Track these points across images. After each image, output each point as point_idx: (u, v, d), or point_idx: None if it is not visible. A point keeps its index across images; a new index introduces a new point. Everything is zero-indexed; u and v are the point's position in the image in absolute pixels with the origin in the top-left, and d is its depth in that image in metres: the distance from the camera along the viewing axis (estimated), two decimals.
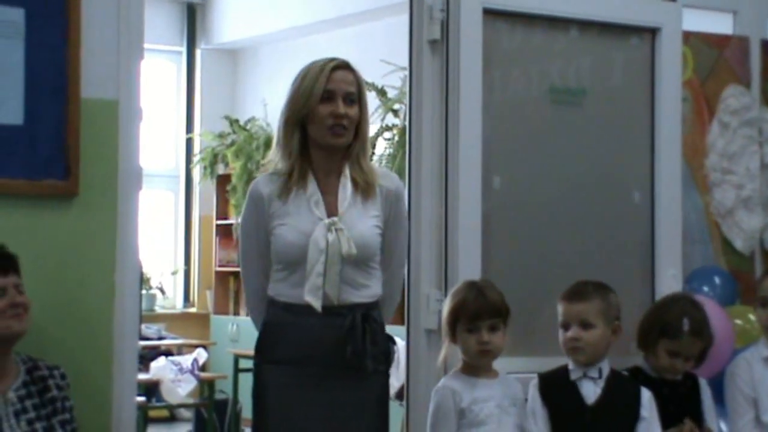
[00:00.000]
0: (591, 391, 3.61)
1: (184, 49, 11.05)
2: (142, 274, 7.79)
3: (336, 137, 3.35)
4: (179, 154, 11.06)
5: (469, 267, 3.99)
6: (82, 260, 3.60)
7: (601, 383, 3.62)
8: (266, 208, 3.39)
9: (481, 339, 3.46)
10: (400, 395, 5.15)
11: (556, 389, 3.64)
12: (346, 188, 3.38)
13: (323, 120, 3.34)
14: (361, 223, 3.36)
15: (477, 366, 3.53)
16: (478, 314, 3.47)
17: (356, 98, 3.38)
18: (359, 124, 3.39)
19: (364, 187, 3.39)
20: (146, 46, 3.78)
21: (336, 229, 3.30)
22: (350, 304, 3.33)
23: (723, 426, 3.95)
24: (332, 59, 3.40)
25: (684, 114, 4.62)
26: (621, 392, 3.63)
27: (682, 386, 3.82)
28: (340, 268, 3.30)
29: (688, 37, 4.67)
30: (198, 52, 11.08)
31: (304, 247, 3.30)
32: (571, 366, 3.65)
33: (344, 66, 3.39)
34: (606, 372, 3.64)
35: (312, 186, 3.38)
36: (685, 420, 3.70)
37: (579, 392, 3.61)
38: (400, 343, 4.11)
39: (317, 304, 3.28)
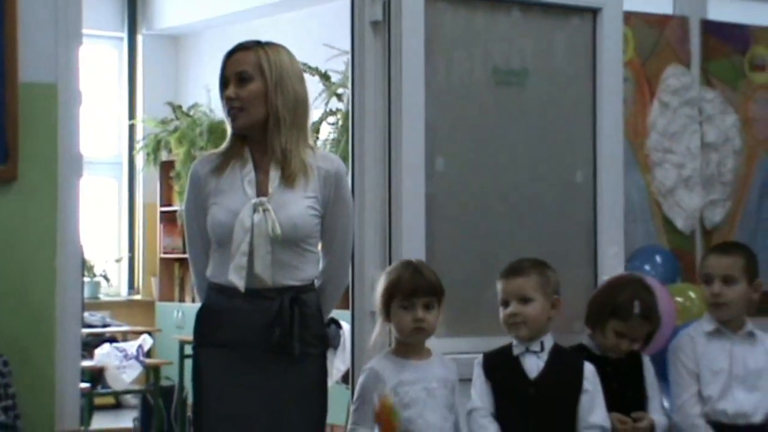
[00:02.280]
0: (534, 366, 3.63)
1: (125, 35, 10.94)
2: (84, 260, 7.72)
3: (233, 120, 3.34)
4: (122, 140, 10.96)
5: (412, 249, 3.99)
6: (22, 245, 3.57)
7: (544, 357, 3.64)
8: (203, 188, 3.38)
9: (416, 316, 3.46)
10: (346, 378, 5.16)
11: (500, 365, 3.65)
12: (276, 168, 3.34)
13: (224, 108, 3.36)
14: (293, 203, 3.31)
15: (408, 346, 3.53)
16: (414, 291, 3.47)
17: (253, 75, 3.31)
18: (267, 97, 3.32)
19: (295, 166, 3.32)
20: (87, 32, 3.75)
21: (263, 210, 3.28)
22: (281, 287, 3.30)
23: (666, 402, 3.98)
24: (235, 45, 3.38)
25: (625, 94, 4.65)
26: (564, 366, 3.66)
27: (625, 364, 3.85)
28: (271, 249, 3.28)
29: (629, 17, 4.69)
30: (140, 38, 10.97)
31: (233, 226, 3.27)
32: (514, 342, 3.67)
33: (241, 48, 3.36)
34: (549, 346, 3.66)
35: (249, 165, 3.36)
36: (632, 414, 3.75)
37: (522, 367, 3.63)
38: (346, 327, 4.11)
39: (240, 284, 3.25)
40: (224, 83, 3.35)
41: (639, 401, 3.82)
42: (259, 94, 3.31)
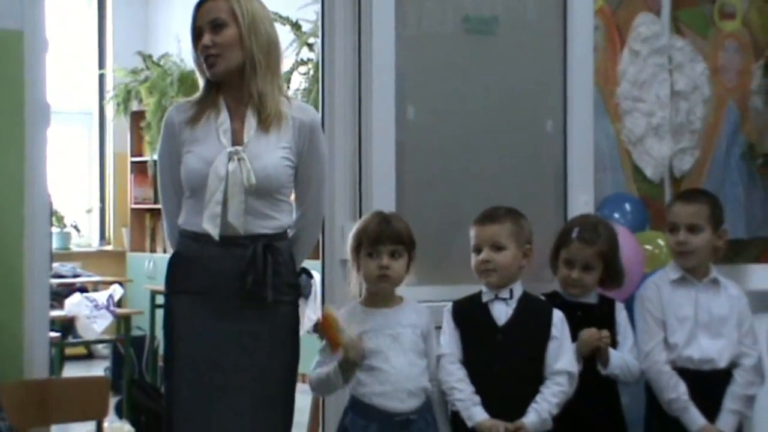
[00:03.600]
0: (503, 312, 3.65)
1: None
2: (53, 210, 7.68)
3: (210, 68, 3.34)
4: (92, 90, 10.88)
5: (383, 198, 3.99)
6: None
7: (513, 304, 3.66)
8: (177, 136, 3.38)
9: (380, 263, 3.47)
10: (317, 328, 5.17)
11: (468, 312, 3.67)
12: (252, 117, 3.35)
13: (199, 57, 3.35)
14: (267, 153, 3.33)
15: (377, 295, 3.55)
16: (379, 239, 3.48)
17: (227, 21, 3.31)
18: (242, 42, 3.32)
19: (272, 115, 3.34)
20: None
21: (238, 159, 3.28)
22: (253, 235, 3.31)
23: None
24: None
25: (596, 42, 4.65)
26: (532, 313, 3.68)
27: (597, 309, 3.88)
28: (244, 198, 3.28)
29: None
30: None
31: (207, 175, 3.28)
32: (483, 290, 3.69)
33: None
34: (518, 294, 3.68)
35: (223, 114, 3.36)
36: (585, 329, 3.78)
37: (490, 313, 3.64)
38: (317, 277, 4.11)
39: (215, 232, 3.26)
40: (197, 33, 3.34)
41: (611, 347, 3.85)
42: (235, 40, 3.32)
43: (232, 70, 3.34)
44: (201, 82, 3.42)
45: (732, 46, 5.16)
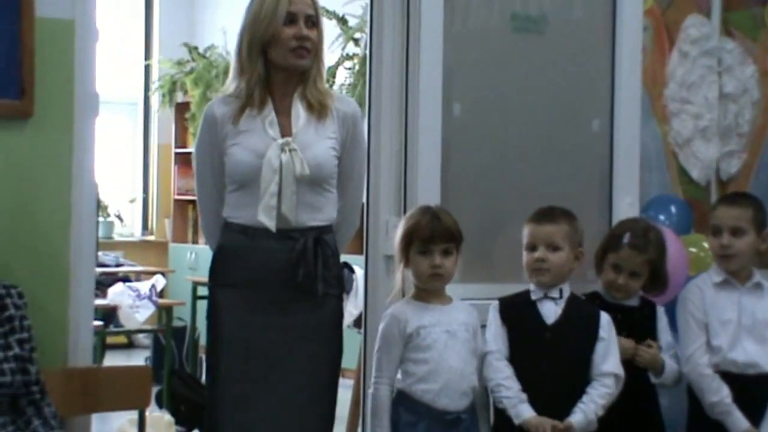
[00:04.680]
0: (551, 311, 3.63)
1: None
2: (99, 199, 7.73)
3: (299, 59, 3.37)
4: (138, 81, 10.95)
5: (428, 194, 3.98)
6: (37, 182, 3.57)
7: (562, 304, 3.64)
8: (219, 130, 3.39)
9: (433, 262, 3.47)
10: (358, 323, 5.18)
11: (516, 310, 3.65)
12: (300, 109, 3.37)
13: (287, 42, 3.35)
14: (316, 143, 3.36)
15: (428, 291, 3.54)
16: (432, 237, 3.47)
17: (316, 21, 3.39)
18: (318, 45, 3.41)
19: (319, 108, 3.39)
20: None
21: (290, 150, 3.30)
22: (303, 227, 3.33)
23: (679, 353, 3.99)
24: None
25: (644, 43, 4.62)
26: (580, 313, 3.66)
27: (638, 312, 3.86)
28: (296, 190, 3.29)
29: None
30: None
31: (257, 167, 3.29)
32: (532, 288, 3.68)
33: None
34: (566, 294, 3.66)
35: (268, 107, 3.38)
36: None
37: (539, 312, 3.63)
38: (359, 272, 4.11)
39: (271, 224, 3.28)
40: (288, 18, 3.35)
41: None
42: (316, 42, 3.40)
43: (308, 66, 3.40)
44: (251, 67, 3.38)
45: None
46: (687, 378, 3.89)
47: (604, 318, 3.67)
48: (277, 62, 3.38)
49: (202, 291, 8.10)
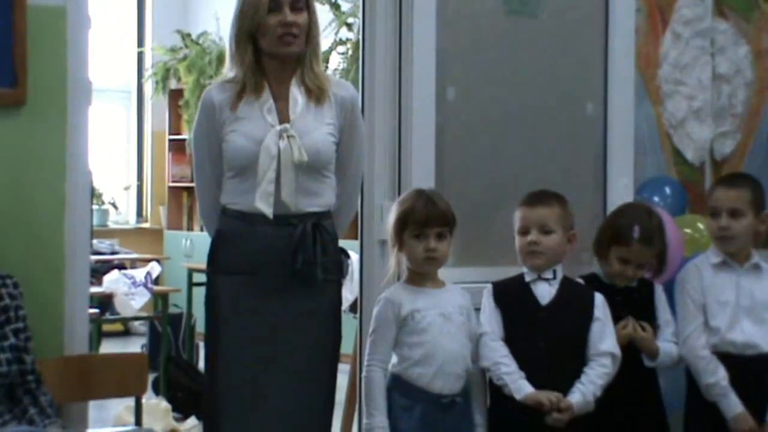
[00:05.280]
0: (545, 292, 3.63)
1: None
2: (93, 187, 7.73)
3: (286, 46, 3.34)
4: (131, 68, 10.93)
5: (422, 178, 3.98)
6: (31, 170, 3.57)
7: (556, 284, 3.64)
8: (218, 116, 3.38)
9: (428, 246, 3.47)
10: (353, 308, 5.18)
11: (510, 292, 3.66)
12: (298, 95, 3.36)
13: (272, 30, 3.33)
14: (315, 130, 3.36)
15: (422, 274, 3.54)
16: (427, 221, 3.48)
17: (304, 5, 3.35)
18: (310, 30, 3.38)
19: (318, 93, 3.38)
20: None
21: (288, 136, 3.29)
22: (302, 213, 3.33)
23: None
24: None
25: (637, 25, 4.62)
26: (575, 294, 3.67)
27: (636, 292, 3.86)
28: (295, 176, 3.29)
29: None
30: None
31: (255, 153, 3.29)
32: (525, 270, 3.68)
33: None
34: (560, 276, 3.67)
35: (265, 93, 3.37)
36: (627, 317, 3.76)
37: (533, 293, 3.63)
38: (354, 257, 4.11)
39: (268, 210, 3.28)
40: (274, 7, 3.32)
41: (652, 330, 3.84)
42: (307, 26, 3.36)
43: (299, 52, 3.36)
44: (243, 59, 3.38)
45: None
46: (684, 359, 3.90)
47: (599, 298, 3.67)
48: (268, 50, 3.37)
49: (198, 278, 8.10)
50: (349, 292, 5.63)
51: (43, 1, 3.55)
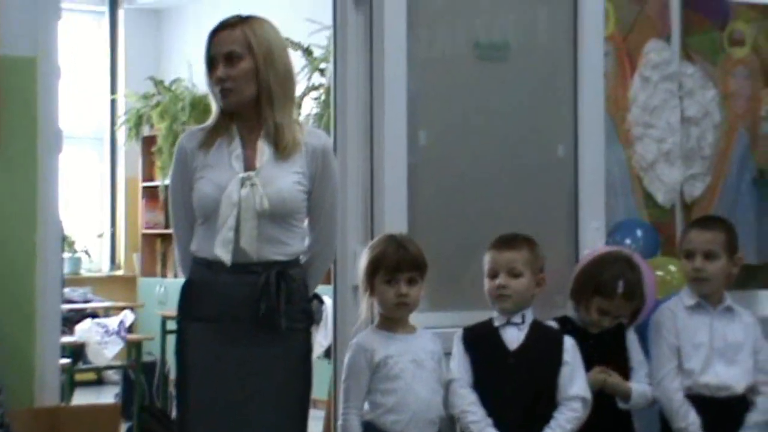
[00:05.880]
0: (514, 337, 3.64)
1: (107, 9, 10.88)
2: (65, 235, 7.70)
3: (224, 99, 3.32)
4: (104, 115, 10.91)
5: (395, 223, 3.99)
6: (1, 220, 3.55)
7: (525, 329, 3.65)
8: (190, 163, 3.37)
9: (399, 291, 3.47)
10: (329, 353, 5.17)
11: (480, 337, 3.66)
12: (264, 145, 3.35)
13: (213, 87, 3.34)
14: (280, 178, 3.32)
15: (394, 320, 3.54)
16: (398, 266, 3.48)
17: (242, 54, 3.29)
18: (258, 74, 3.31)
19: (285, 144, 3.33)
20: (68, 5, 3.76)
21: (251, 184, 3.28)
22: (266, 261, 3.30)
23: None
24: (219, 23, 3.35)
25: (606, 68, 4.65)
26: (544, 339, 3.67)
27: (608, 336, 3.87)
28: (257, 224, 3.28)
29: None
30: (121, 12, 10.91)
31: (219, 201, 3.27)
32: (495, 315, 3.68)
33: (226, 26, 3.33)
34: (529, 320, 3.67)
35: (236, 141, 3.36)
36: (594, 368, 3.76)
37: (501, 338, 3.63)
38: (329, 302, 4.10)
39: (227, 257, 3.25)
40: (211, 63, 3.32)
41: (623, 374, 3.84)
42: (250, 73, 3.30)
43: (246, 101, 3.33)
44: (214, 108, 3.41)
45: (742, 72, 5.15)
46: (658, 402, 3.90)
47: (568, 342, 3.68)
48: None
49: (172, 325, 8.05)
50: (323, 338, 5.63)
51: (14, 51, 3.57)
